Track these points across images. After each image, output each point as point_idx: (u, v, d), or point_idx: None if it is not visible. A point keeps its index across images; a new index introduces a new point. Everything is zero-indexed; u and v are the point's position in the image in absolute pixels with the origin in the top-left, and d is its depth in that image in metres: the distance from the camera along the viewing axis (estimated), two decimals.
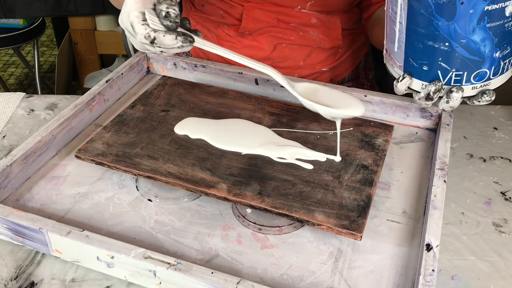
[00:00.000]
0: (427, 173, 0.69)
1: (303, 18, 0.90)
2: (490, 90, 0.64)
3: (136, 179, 0.68)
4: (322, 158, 0.66)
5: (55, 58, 2.13)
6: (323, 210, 0.58)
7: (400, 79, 0.67)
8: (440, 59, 0.62)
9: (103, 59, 2.18)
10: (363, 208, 0.59)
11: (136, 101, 0.78)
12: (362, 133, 0.71)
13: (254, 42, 0.92)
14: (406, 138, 0.76)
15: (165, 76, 0.87)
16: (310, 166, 0.65)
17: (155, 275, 0.52)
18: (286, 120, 0.74)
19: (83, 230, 0.55)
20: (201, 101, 0.79)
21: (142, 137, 0.70)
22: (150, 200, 0.65)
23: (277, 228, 0.61)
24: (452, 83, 0.64)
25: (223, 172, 0.64)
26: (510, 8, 0.58)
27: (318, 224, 0.57)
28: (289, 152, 0.67)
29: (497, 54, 0.61)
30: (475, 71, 0.62)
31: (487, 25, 0.58)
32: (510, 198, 0.68)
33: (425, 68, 0.64)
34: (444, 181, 0.61)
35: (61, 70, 2.08)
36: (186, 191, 0.64)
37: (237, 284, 0.50)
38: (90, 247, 0.54)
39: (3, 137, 0.80)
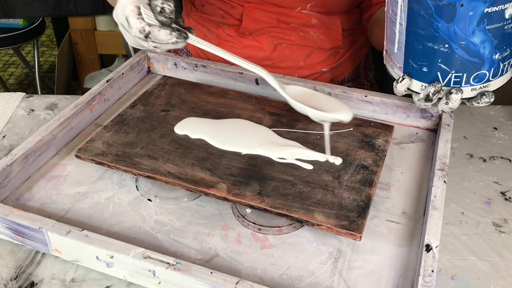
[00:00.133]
0: (427, 174, 0.69)
1: (304, 19, 0.90)
2: (490, 92, 0.64)
3: (136, 179, 0.68)
4: (322, 158, 0.66)
5: (55, 58, 2.13)
6: (323, 210, 0.58)
7: (400, 80, 0.67)
8: (440, 61, 0.62)
9: (103, 59, 2.18)
10: (363, 209, 0.59)
11: (137, 101, 0.78)
12: (362, 133, 0.71)
13: (255, 42, 0.92)
14: (406, 139, 0.76)
15: (166, 76, 0.87)
16: (310, 166, 0.65)
17: (155, 275, 0.53)
18: (286, 120, 0.74)
19: (83, 230, 0.55)
20: (201, 101, 0.79)
21: (142, 137, 0.70)
22: (150, 200, 0.65)
23: (277, 228, 0.61)
24: (452, 85, 0.64)
25: (223, 172, 0.64)
26: (510, 10, 0.58)
27: (318, 224, 0.57)
28: (289, 152, 0.67)
29: (497, 56, 0.61)
30: (475, 73, 0.62)
31: (487, 27, 0.58)
32: (510, 198, 0.68)
33: (425, 69, 0.64)
34: (444, 182, 0.62)
35: (61, 70, 2.08)
36: (186, 191, 0.64)
37: (236, 284, 0.50)
38: (90, 247, 0.54)
39: (3, 137, 0.80)
